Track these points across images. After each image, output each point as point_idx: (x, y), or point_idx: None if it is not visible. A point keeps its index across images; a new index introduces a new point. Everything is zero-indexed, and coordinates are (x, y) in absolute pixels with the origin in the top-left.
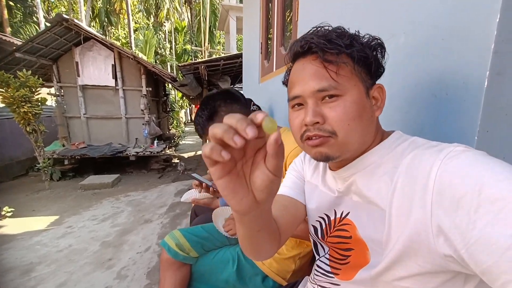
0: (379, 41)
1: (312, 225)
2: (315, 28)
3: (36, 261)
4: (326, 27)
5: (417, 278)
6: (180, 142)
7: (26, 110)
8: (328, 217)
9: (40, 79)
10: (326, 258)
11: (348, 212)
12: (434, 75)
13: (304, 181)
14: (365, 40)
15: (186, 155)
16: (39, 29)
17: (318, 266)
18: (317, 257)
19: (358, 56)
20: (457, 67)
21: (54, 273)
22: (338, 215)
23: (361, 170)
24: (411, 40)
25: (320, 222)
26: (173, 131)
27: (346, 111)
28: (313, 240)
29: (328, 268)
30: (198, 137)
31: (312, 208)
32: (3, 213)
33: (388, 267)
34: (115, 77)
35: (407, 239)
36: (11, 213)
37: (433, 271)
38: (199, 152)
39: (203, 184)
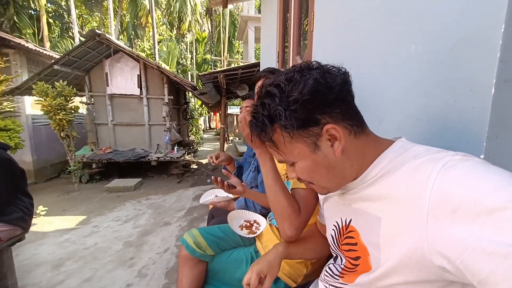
0: (314, 83)
1: (330, 235)
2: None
3: (65, 257)
4: (259, 102)
5: (414, 285)
6: (199, 149)
7: (61, 117)
8: (338, 224)
9: (74, 88)
10: (340, 267)
11: (351, 219)
12: (443, 83)
13: (325, 202)
14: (292, 98)
15: (204, 161)
16: (74, 43)
17: (329, 268)
18: (332, 262)
19: (286, 129)
20: (465, 75)
21: (80, 269)
22: (344, 223)
23: (364, 183)
24: (421, 49)
25: (333, 231)
26: (192, 137)
27: (304, 174)
28: (333, 251)
29: (337, 273)
30: (218, 143)
31: (327, 217)
32: (38, 211)
33: (385, 274)
34: (140, 86)
35: (404, 248)
36: (45, 212)
37: (429, 280)
38: None
39: (219, 179)
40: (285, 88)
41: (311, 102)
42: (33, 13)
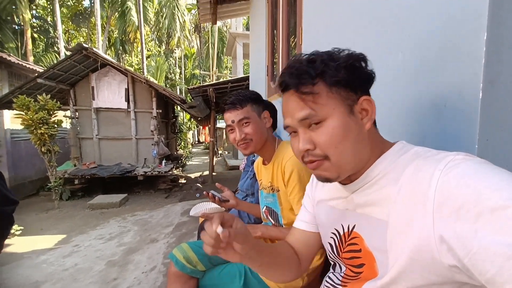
0: (356, 57)
1: (328, 243)
2: (292, 59)
3: (42, 280)
4: (299, 58)
5: None
6: (187, 163)
7: (43, 132)
8: (338, 232)
9: (58, 102)
10: (340, 275)
11: (354, 225)
12: (432, 88)
13: (314, 207)
14: (341, 60)
15: (192, 176)
16: (59, 57)
17: (330, 278)
18: (331, 271)
19: (331, 82)
20: (452, 79)
21: None
22: (346, 229)
23: (367, 183)
24: (408, 56)
25: (333, 239)
26: (180, 151)
27: (331, 136)
28: (332, 259)
29: (339, 282)
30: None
31: (323, 225)
32: (12, 231)
33: (393, 279)
34: (127, 100)
35: (411, 250)
36: (20, 231)
37: (438, 283)
38: (206, 172)
39: (210, 194)
40: (330, 54)
41: (355, 68)
42: (17, 28)
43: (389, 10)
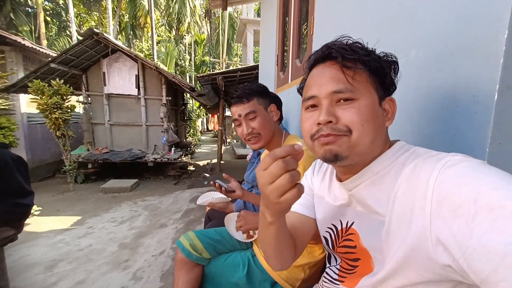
0: (393, 58)
1: (323, 236)
2: (337, 39)
3: (59, 258)
4: (347, 38)
5: (418, 285)
6: (196, 150)
7: (57, 116)
8: (335, 227)
9: (71, 87)
10: (336, 268)
11: (353, 222)
12: (445, 88)
13: (313, 194)
14: (381, 55)
15: (201, 163)
16: (72, 42)
17: (327, 273)
18: (328, 265)
19: (374, 66)
20: (467, 81)
21: (74, 271)
22: (344, 225)
23: (365, 180)
24: (422, 54)
25: (329, 233)
26: (189, 139)
27: (360, 113)
28: (327, 251)
29: (336, 276)
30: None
31: (320, 219)
32: (31, 211)
33: (389, 275)
34: (138, 86)
35: (407, 248)
36: (39, 212)
37: (435, 280)
38: (214, 160)
39: (216, 184)
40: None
41: (391, 68)
42: (30, 10)
43: (402, 7)
